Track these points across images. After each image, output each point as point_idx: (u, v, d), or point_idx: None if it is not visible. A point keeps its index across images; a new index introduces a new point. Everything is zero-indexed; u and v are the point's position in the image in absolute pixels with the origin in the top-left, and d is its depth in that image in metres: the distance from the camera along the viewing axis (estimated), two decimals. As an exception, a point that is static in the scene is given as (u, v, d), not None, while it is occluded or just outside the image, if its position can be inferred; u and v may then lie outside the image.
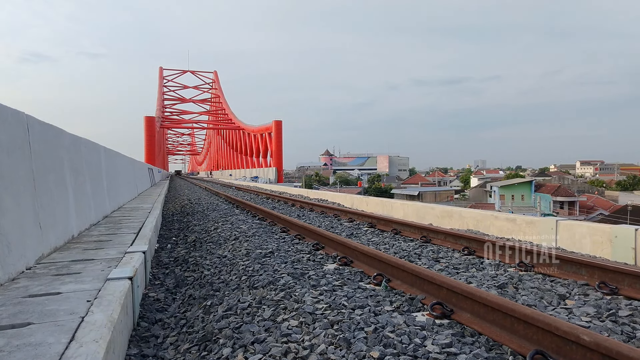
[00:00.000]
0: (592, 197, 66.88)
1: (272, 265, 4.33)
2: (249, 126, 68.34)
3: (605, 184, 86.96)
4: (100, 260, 4.39)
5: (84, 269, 4.00)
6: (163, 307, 4.10)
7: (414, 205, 10.09)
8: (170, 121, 78.71)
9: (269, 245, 5.57)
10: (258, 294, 3.54)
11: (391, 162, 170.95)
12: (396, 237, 6.37)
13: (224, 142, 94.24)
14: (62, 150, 5.94)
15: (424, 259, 4.81)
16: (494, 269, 4.34)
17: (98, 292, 3.19)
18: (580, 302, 3.23)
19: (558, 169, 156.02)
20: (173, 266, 5.79)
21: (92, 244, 5.36)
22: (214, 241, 6.45)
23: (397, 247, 5.48)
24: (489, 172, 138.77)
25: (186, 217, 10.50)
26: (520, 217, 7.18)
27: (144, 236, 5.86)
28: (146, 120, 53.33)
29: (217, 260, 5.14)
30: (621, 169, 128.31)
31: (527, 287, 3.64)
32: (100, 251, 4.88)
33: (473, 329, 2.65)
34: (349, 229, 7.21)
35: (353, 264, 4.45)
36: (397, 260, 3.80)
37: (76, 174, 6.53)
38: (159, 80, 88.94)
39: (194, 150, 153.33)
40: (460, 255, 5.05)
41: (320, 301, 3.12)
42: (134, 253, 4.63)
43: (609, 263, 3.90)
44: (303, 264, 4.51)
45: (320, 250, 5.27)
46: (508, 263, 4.55)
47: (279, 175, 54.06)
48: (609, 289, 3.48)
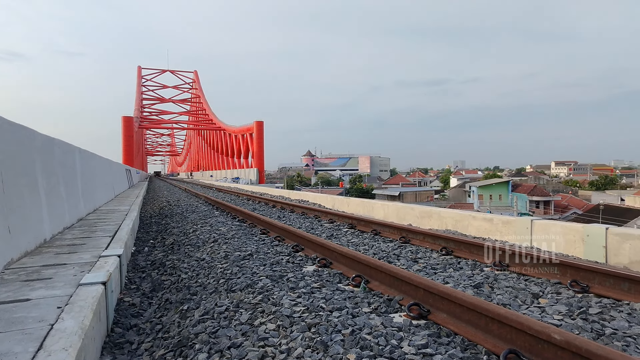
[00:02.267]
0: (566, 197, 68.76)
1: (250, 268, 4.28)
2: (229, 127, 67.73)
3: (578, 184, 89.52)
4: (73, 264, 4.27)
5: (55, 274, 3.88)
6: (138, 312, 4.02)
7: (394, 206, 10.17)
8: (149, 121, 77.33)
9: (248, 247, 5.52)
10: (236, 297, 3.50)
11: (373, 162, 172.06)
12: (376, 237, 6.40)
13: (204, 142, 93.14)
14: (34, 152, 5.77)
15: (403, 260, 4.85)
16: (470, 269, 4.40)
17: (69, 298, 3.10)
18: (552, 301, 3.30)
19: (534, 169, 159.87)
20: (150, 270, 5.69)
21: (65, 248, 5.21)
22: (193, 244, 6.36)
23: (377, 248, 5.51)
24: (468, 172, 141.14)
25: (164, 220, 10.32)
26: (497, 217, 7.30)
27: (120, 239, 5.73)
28: (124, 121, 52.26)
29: (195, 263, 5.06)
30: (594, 169, 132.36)
31: (502, 286, 3.71)
32: (73, 255, 4.75)
33: (449, 329, 2.68)
34: (329, 230, 7.21)
35: (332, 266, 4.45)
36: (376, 261, 3.82)
37: (49, 175, 6.35)
38: (138, 79, 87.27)
39: (174, 151, 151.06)
40: (439, 255, 5.10)
41: (298, 304, 3.10)
42: (108, 257, 4.53)
43: (580, 262, 4.01)
44: (282, 266, 4.48)
45: (300, 252, 5.26)
46: (484, 263, 4.62)
47: (260, 176, 53.74)
48: (580, 287, 3.57)
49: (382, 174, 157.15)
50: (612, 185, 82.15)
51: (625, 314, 2.98)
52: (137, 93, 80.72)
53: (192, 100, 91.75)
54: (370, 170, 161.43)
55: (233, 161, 68.28)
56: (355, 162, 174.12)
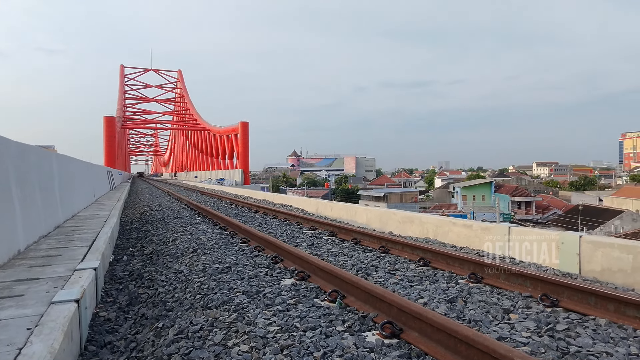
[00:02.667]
0: (547, 197, 70.17)
1: (227, 283, 4.27)
2: (214, 127, 67.19)
3: (559, 185, 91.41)
4: (46, 279, 4.19)
5: (27, 290, 3.81)
6: (114, 327, 3.97)
7: (377, 211, 10.25)
8: (132, 121, 76.17)
9: (227, 258, 5.50)
10: (211, 314, 3.49)
11: (358, 163, 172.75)
12: (356, 247, 6.44)
13: (188, 143, 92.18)
14: (7, 161, 5.65)
15: (381, 271, 4.89)
16: (446, 281, 4.47)
17: (40, 318, 3.05)
18: (522, 316, 3.38)
19: (516, 169, 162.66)
20: (127, 281, 5.61)
21: (39, 260, 5.11)
22: (172, 254, 6.30)
23: (356, 259, 5.55)
24: (452, 172, 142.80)
25: (145, 226, 10.20)
26: (476, 224, 7.41)
27: (97, 250, 5.64)
28: (106, 121, 51.39)
29: (173, 276, 5.02)
30: (574, 170, 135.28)
31: (475, 300, 3.78)
32: (47, 268, 4.65)
33: (420, 349, 2.73)
34: (310, 239, 7.22)
35: (310, 279, 4.46)
36: (352, 277, 3.85)
37: (23, 184, 6.21)
38: (120, 78, 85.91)
39: (158, 151, 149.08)
40: (416, 266, 5.17)
41: (273, 323, 3.11)
42: (83, 270, 4.45)
43: (550, 275, 4.10)
44: (260, 279, 4.48)
45: (279, 264, 5.26)
46: (460, 274, 4.69)
47: (245, 177, 53.47)
48: (550, 301, 3.66)
49: (367, 174, 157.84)
50: (591, 186, 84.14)
51: (590, 330, 3.07)
52: (119, 92, 79.44)
53: (176, 100, 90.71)
54: (356, 170, 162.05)
55: (218, 162, 67.75)
56: (341, 163, 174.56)
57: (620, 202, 55.56)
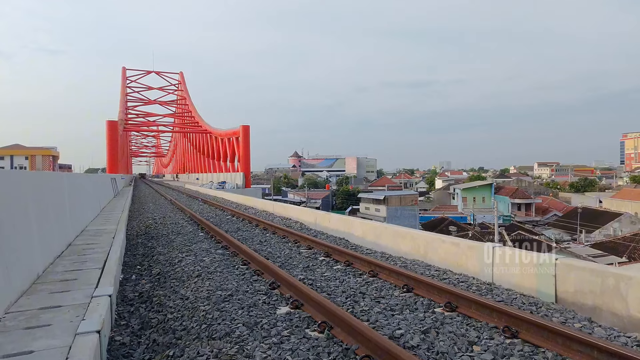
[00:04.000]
0: (547, 199, 70.64)
1: (230, 313, 4.84)
2: (216, 130, 67.78)
3: (559, 186, 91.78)
4: (67, 307, 4.70)
5: (53, 320, 4.33)
6: (129, 352, 4.50)
7: (372, 224, 10.79)
8: (134, 124, 76.88)
9: (229, 284, 6.06)
10: (215, 345, 4.04)
11: (359, 163, 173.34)
12: (347, 271, 6.99)
13: (190, 145, 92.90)
14: (27, 192, 6.20)
15: (367, 299, 5.44)
16: (424, 310, 5.01)
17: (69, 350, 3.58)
18: (484, 347, 3.92)
19: (517, 170, 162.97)
20: (138, 303, 6.14)
21: (58, 285, 5.60)
22: (178, 277, 6.86)
23: (346, 285, 6.10)
24: (453, 173, 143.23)
25: (151, 241, 10.76)
26: (463, 242, 7.91)
27: (109, 272, 6.14)
28: (108, 125, 52.06)
29: (180, 302, 5.57)
30: (575, 170, 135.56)
31: (446, 331, 4.32)
32: (66, 295, 5.15)
33: (390, 382, 3.27)
34: (306, 260, 7.78)
35: (304, 307, 5.01)
36: (339, 311, 4.40)
37: (40, 210, 6.72)
38: (122, 80, 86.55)
39: (160, 152, 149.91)
40: (400, 292, 5.71)
41: (268, 357, 3.66)
42: (100, 297, 4.97)
43: (512, 309, 4.62)
44: (258, 309, 5.04)
45: (277, 289, 5.81)
46: (438, 302, 5.23)
47: (246, 181, 54.08)
48: (511, 332, 4.20)
49: (368, 174, 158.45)
50: (591, 187, 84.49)
51: (538, 363, 3.60)
52: (121, 95, 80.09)
53: (177, 102, 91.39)
54: (357, 171, 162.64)
55: (219, 164, 68.38)
56: (342, 163, 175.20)
57: (619, 204, 55.99)
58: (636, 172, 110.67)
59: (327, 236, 10.99)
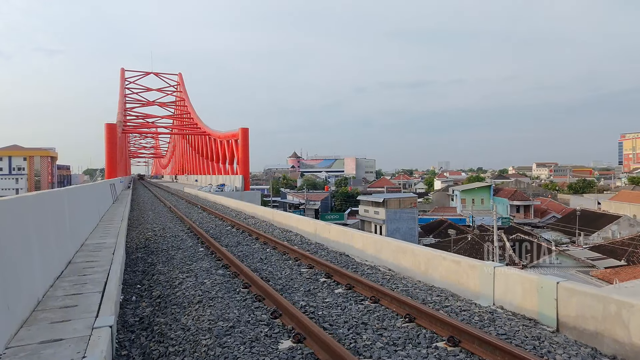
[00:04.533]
0: (545, 201, 70.74)
1: (231, 350, 4.81)
2: (214, 132, 67.69)
3: (558, 187, 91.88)
4: (68, 340, 4.65)
5: (54, 356, 4.29)
6: (130, 388, 4.47)
7: (372, 238, 10.77)
8: (133, 125, 76.72)
9: (231, 314, 6.03)
10: (218, 389, 4.02)
11: (358, 164, 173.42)
12: (348, 295, 6.96)
13: (189, 146, 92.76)
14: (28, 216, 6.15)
15: (370, 330, 5.42)
16: (427, 345, 4.99)
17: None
18: (488, 392, 3.90)
19: (516, 170, 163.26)
20: (139, 330, 6.10)
21: (58, 313, 5.52)
22: (179, 303, 6.83)
23: (348, 314, 6.07)
24: (452, 173, 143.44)
25: (150, 257, 10.72)
26: (464, 260, 7.86)
27: (110, 298, 6.08)
28: (107, 128, 51.92)
29: (181, 333, 5.54)
30: (573, 171, 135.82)
31: (449, 371, 4.31)
32: (67, 325, 5.09)
33: None
34: (307, 283, 7.75)
35: (306, 342, 5.00)
36: (341, 350, 4.38)
37: (40, 234, 6.67)
38: (121, 82, 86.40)
39: (158, 153, 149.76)
40: (402, 322, 5.68)
41: (271, 405, 3.65)
42: (101, 329, 4.92)
43: (513, 348, 4.58)
44: (260, 343, 5.01)
45: (278, 319, 5.79)
46: (441, 335, 5.21)
47: (245, 183, 54.05)
48: (513, 373, 4.19)
49: (367, 175, 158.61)
50: (589, 188, 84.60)
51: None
52: (120, 96, 79.88)
53: (176, 103, 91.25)
54: (356, 172, 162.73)
55: (218, 166, 68.30)
56: (341, 164, 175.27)
57: (617, 206, 56.04)
58: (634, 172, 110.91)
59: (328, 251, 10.97)
